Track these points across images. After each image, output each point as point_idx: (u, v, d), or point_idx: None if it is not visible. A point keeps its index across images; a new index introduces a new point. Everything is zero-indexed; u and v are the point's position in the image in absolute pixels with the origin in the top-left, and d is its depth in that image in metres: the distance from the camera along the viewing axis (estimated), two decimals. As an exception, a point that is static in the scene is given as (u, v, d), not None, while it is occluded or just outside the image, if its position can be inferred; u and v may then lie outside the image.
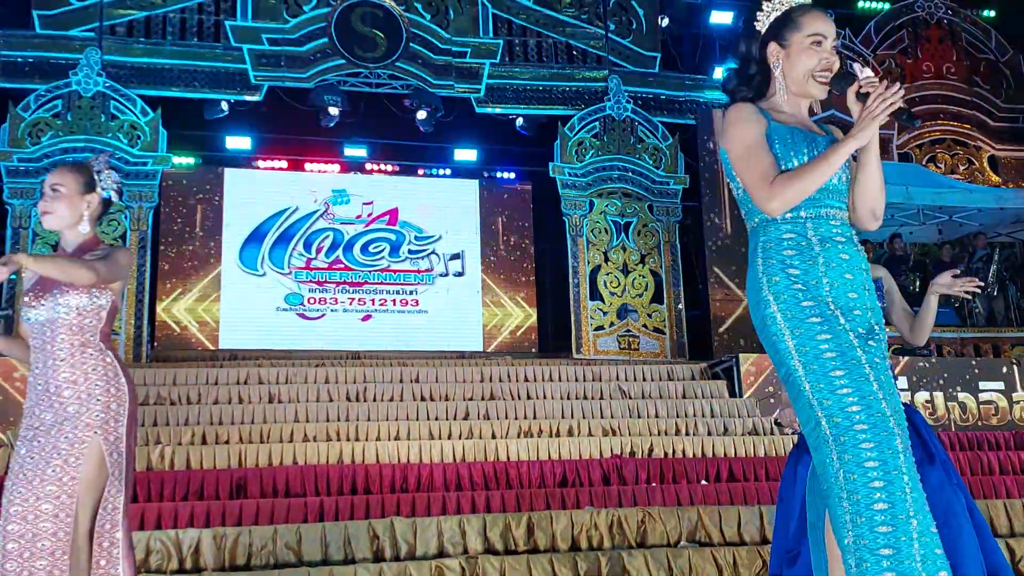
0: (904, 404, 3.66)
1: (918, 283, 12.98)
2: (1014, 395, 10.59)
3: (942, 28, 15.69)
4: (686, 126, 14.27)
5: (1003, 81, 15.74)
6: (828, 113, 11.91)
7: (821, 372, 2.54)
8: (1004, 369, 10.77)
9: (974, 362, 10.90)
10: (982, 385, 10.60)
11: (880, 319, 2.71)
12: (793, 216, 2.69)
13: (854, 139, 2.57)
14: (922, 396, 10.38)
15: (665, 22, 14.79)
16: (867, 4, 15.85)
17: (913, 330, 3.66)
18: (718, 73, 14.56)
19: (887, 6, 15.78)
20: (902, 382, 10.31)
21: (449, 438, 9.11)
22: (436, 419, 9.65)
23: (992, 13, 16.24)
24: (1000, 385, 10.64)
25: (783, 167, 2.67)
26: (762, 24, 2.86)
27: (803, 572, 3.33)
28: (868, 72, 2.65)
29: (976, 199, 13.04)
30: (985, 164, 15.42)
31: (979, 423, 10.36)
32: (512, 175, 15.35)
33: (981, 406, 10.47)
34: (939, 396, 10.42)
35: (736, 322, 13.36)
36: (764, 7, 2.85)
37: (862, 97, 2.59)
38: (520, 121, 14.02)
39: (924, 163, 14.90)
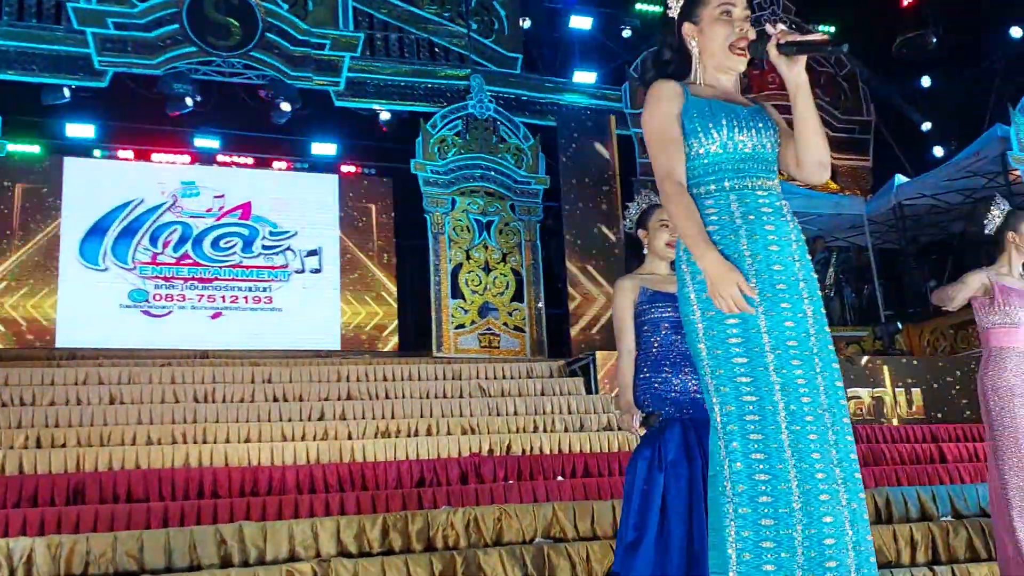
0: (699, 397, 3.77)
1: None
2: (849, 391, 11.15)
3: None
4: (547, 127, 14.44)
5: (841, 94, 16.59)
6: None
7: (724, 358, 2.54)
8: (842, 366, 11.32)
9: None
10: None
11: (814, 289, 2.68)
12: (717, 189, 2.66)
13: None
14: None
15: (527, 23, 14.93)
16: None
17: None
18: (578, 76, 14.82)
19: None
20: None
21: (303, 439, 8.91)
22: (289, 420, 9.42)
23: (833, 29, 17.07)
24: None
25: (701, 138, 2.67)
26: (674, 9, 2.83)
27: (643, 562, 3.38)
28: (781, 26, 2.67)
29: (816, 205, 13.67)
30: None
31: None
32: (372, 171, 15.16)
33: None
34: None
35: (594, 320, 13.62)
36: None
37: (781, 48, 2.60)
38: (386, 116, 13.87)
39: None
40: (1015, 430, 4.31)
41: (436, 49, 14.19)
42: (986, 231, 4.56)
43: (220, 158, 14.64)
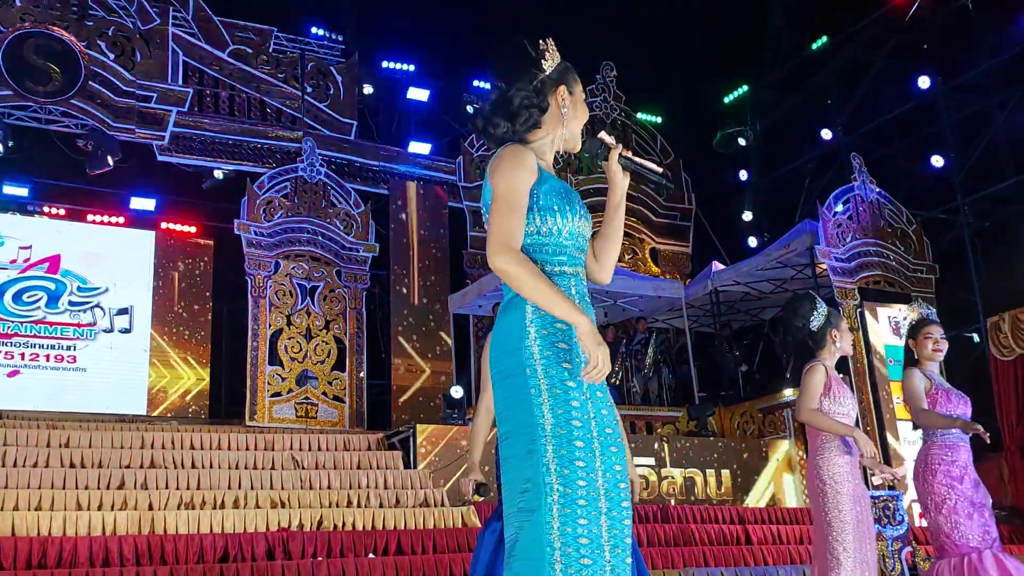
0: None
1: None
2: (663, 471, 11.41)
3: (616, 129, 17.03)
4: (379, 195, 14.38)
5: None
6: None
7: (566, 439, 2.50)
8: (655, 446, 11.60)
9: (630, 439, 11.65)
10: (636, 460, 11.32)
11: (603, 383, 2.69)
12: (560, 272, 2.67)
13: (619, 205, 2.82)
14: (584, 470, 10.89)
15: (369, 90, 14.93)
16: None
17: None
18: (413, 147, 14.86)
19: (570, 102, 16.88)
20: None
21: (99, 509, 8.37)
22: (86, 488, 8.82)
23: (659, 120, 17.90)
24: (651, 461, 11.43)
25: (557, 218, 2.67)
26: (549, 64, 2.80)
27: None
28: (612, 138, 2.86)
29: (638, 287, 14.09)
30: (647, 255, 16.79)
31: (632, 498, 11.01)
32: (193, 229, 14.59)
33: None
34: (599, 470, 10.98)
35: (417, 392, 13.47)
36: (548, 52, 2.81)
37: (622, 160, 2.78)
38: (220, 174, 13.45)
39: (596, 250, 15.94)
40: (847, 515, 4.45)
41: (268, 110, 13.96)
42: (811, 327, 4.75)
43: (29, 207, 13.77)
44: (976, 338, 13.91)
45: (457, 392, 11.72)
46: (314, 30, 14.54)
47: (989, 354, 13.08)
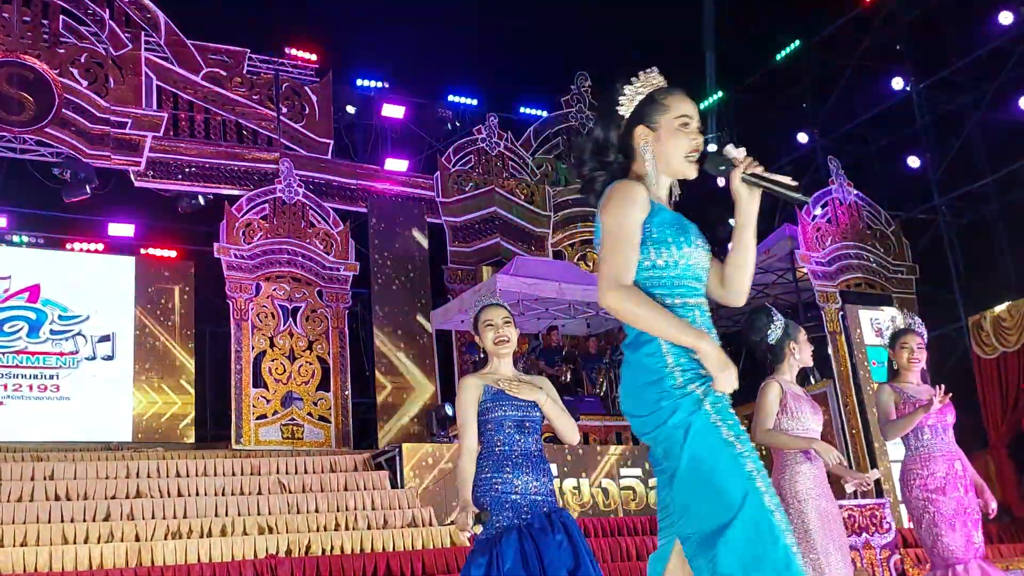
0: (559, 509, 3.77)
1: (569, 373, 13.74)
2: (651, 481, 11.39)
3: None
4: (358, 213, 14.35)
5: (645, 189, 17.35)
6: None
7: (726, 447, 2.51)
8: (645, 458, 11.58)
9: (617, 449, 11.64)
10: (623, 472, 11.32)
11: None
12: (682, 304, 2.65)
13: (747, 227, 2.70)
14: (570, 483, 10.88)
15: (351, 110, 14.92)
16: (528, 110, 16.94)
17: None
18: (390, 164, 14.86)
19: (545, 114, 16.94)
20: (553, 468, 10.76)
21: (86, 542, 8.33)
22: (72, 521, 8.77)
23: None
24: (639, 472, 11.42)
25: (672, 250, 2.65)
26: (626, 108, 2.76)
27: None
28: (742, 151, 2.69)
29: (621, 296, 14.10)
30: (630, 263, 16.78)
31: (620, 509, 11.02)
32: (173, 253, 14.55)
33: (622, 492, 11.16)
34: (585, 483, 10.98)
35: (403, 410, 13.43)
36: (625, 91, 2.77)
37: (746, 178, 2.65)
38: (201, 200, 13.40)
39: (576, 261, 15.96)
40: (808, 534, 4.43)
41: (244, 131, 13.92)
42: (768, 341, 4.73)
43: (8, 237, 13.72)
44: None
45: (446, 410, 11.70)
46: (288, 50, 14.51)
47: (972, 353, 13.14)
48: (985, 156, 14.58)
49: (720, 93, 17.89)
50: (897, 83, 15.13)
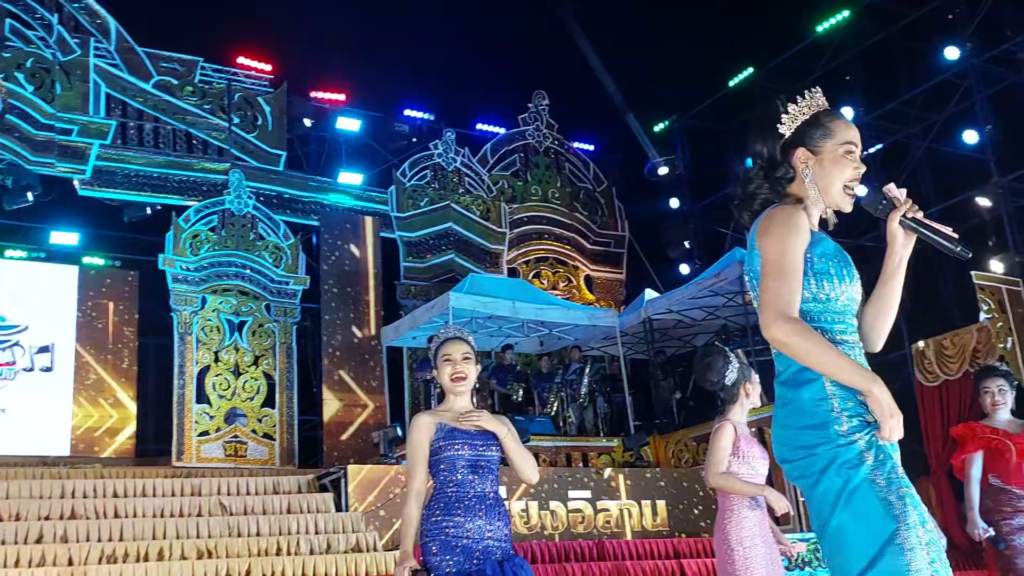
0: (514, 556, 3.65)
1: (521, 392, 13.69)
2: (599, 503, 11.37)
3: (549, 156, 17.10)
4: (309, 227, 14.19)
5: (599, 209, 17.42)
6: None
7: (891, 492, 2.40)
8: (591, 478, 11.56)
9: (565, 471, 11.60)
10: (571, 494, 11.26)
11: None
12: (843, 340, 2.51)
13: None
14: (518, 505, 10.80)
15: (308, 123, 14.77)
16: (485, 126, 16.92)
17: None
18: (344, 177, 14.72)
19: (503, 131, 16.92)
20: (502, 491, 10.67)
21: (16, 566, 8.03)
22: (2, 543, 8.46)
23: (592, 147, 18.00)
24: (587, 494, 11.37)
25: (835, 283, 2.51)
26: (788, 127, 2.62)
27: None
28: (903, 192, 2.56)
29: (573, 316, 14.10)
30: (582, 282, 16.85)
31: (568, 531, 10.97)
32: (118, 263, 14.25)
33: (570, 515, 11.10)
34: (534, 505, 10.90)
35: (350, 427, 13.27)
36: (789, 109, 2.63)
37: (905, 222, 2.52)
38: (148, 210, 13.14)
39: (530, 279, 15.96)
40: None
41: (194, 141, 13.69)
42: (725, 382, 4.71)
43: (-56, 244, 13.36)
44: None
45: (395, 430, 11.55)
46: (241, 60, 14.32)
47: (914, 379, 13.32)
48: (931, 186, 14.84)
49: (675, 116, 18.03)
50: (847, 112, 15.31)
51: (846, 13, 15.62)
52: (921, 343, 13.29)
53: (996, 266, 13.00)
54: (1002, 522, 5.17)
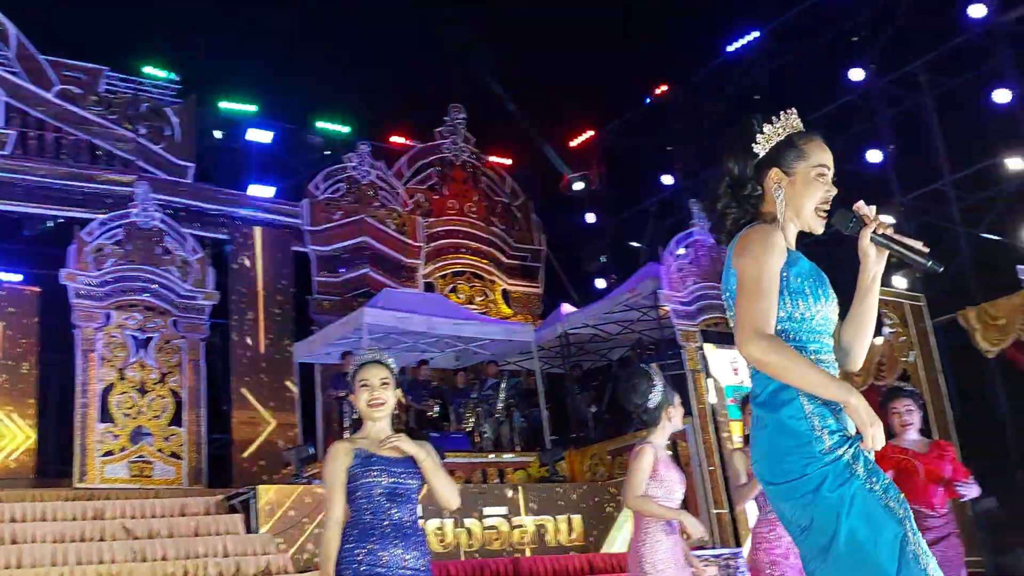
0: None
1: (437, 408, 13.57)
2: (515, 519, 11.33)
3: (466, 170, 17.07)
4: (218, 240, 13.87)
5: (515, 223, 17.44)
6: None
7: (880, 509, 2.40)
8: (508, 494, 11.52)
9: (481, 487, 11.54)
10: (487, 511, 11.20)
11: None
12: (817, 358, 2.51)
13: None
14: (433, 523, 10.68)
15: (218, 134, 14.45)
16: (401, 139, 16.81)
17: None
18: (255, 190, 14.45)
19: (419, 144, 16.84)
20: (420, 510, 10.55)
21: (-99, 599, 7.62)
22: None
23: (508, 161, 18.03)
24: (504, 510, 11.32)
25: (809, 302, 2.52)
26: (762, 147, 2.64)
27: None
28: (872, 209, 2.56)
29: (489, 330, 14.07)
30: (499, 297, 16.84)
31: (484, 548, 10.89)
32: (19, 277, 13.67)
33: (486, 531, 11.03)
34: (449, 523, 10.80)
35: (260, 447, 12.99)
36: (764, 130, 2.64)
37: (876, 239, 2.52)
38: (49, 224, 12.67)
39: (446, 293, 15.88)
40: None
41: (99, 152, 13.27)
42: (648, 405, 4.72)
43: None
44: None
45: (305, 450, 11.34)
46: (148, 69, 13.96)
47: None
48: (836, 205, 15.20)
49: (591, 132, 18.20)
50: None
51: (756, 34, 15.99)
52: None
53: (899, 282, 13.38)
54: None
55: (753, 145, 2.65)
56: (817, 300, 2.54)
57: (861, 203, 2.58)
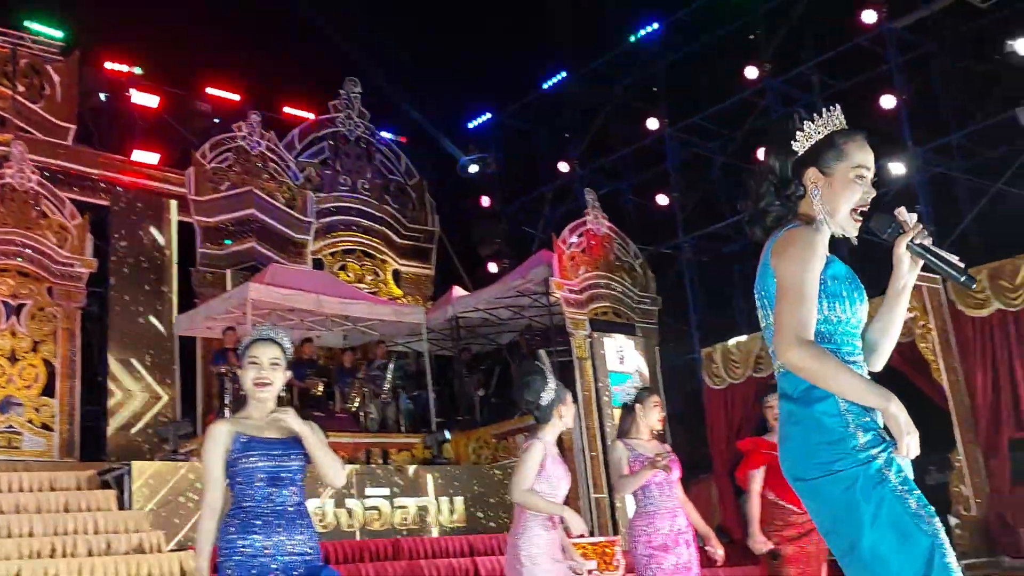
0: (320, 568, 3.48)
1: (321, 387, 13.38)
2: (396, 501, 11.28)
3: (360, 146, 16.81)
4: (99, 206, 13.32)
5: (410, 203, 17.29)
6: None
7: (907, 513, 2.40)
8: (390, 476, 11.45)
9: (363, 468, 11.43)
10: (368, 491, 11.12)
11: None
12: (852, 360, 2.53)
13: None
14: (313, 503, 10.53)
15: (103, 96, 13.84)
16: (294, 111, 16.44)
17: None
18: (138, 155, 13.96)
19: (312, 116, 16.51)
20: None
21: None
22: None
23: (404, 139, 17.87)
24: (386, 491, 11.25)
25: (846, 305, 2.53)
26: (801, 145, 2.59)
27: None
28: (913, 217, 2.52)
29: (379, 311, 13.92)
30: (389, 277, 16.69)
31: (365, 529, 10.82)
32: None
33: (367, 512, 10.96)
34: (330, 503, 10.68)
35: (135, 419, 12.60)
36: (805, 127, 2.59)
37: (913, 247, 2.50)
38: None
39: (336, 271, 15.65)
40: None
41: (-29, 109, 12.58)
42: (541, 403, 4.74)
43: None
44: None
45: (184, 426, 11.04)
46: (29, 24, 13.25)
47: (703, 383, 13.99)
48: (727, 200, 15.63)
49: (489, 115, 18.16)
50: (653, 123, 15.91)
51: (656, 26, 16.21)
52: (710, 348, 13.98)
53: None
54: (774, 534, 5.47)
55: (792, 142, 2.63)
56: (852, 303, 2.56)
57: (902, 209, 2.57)
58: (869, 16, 13.61)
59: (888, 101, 13.68)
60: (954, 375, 11.53)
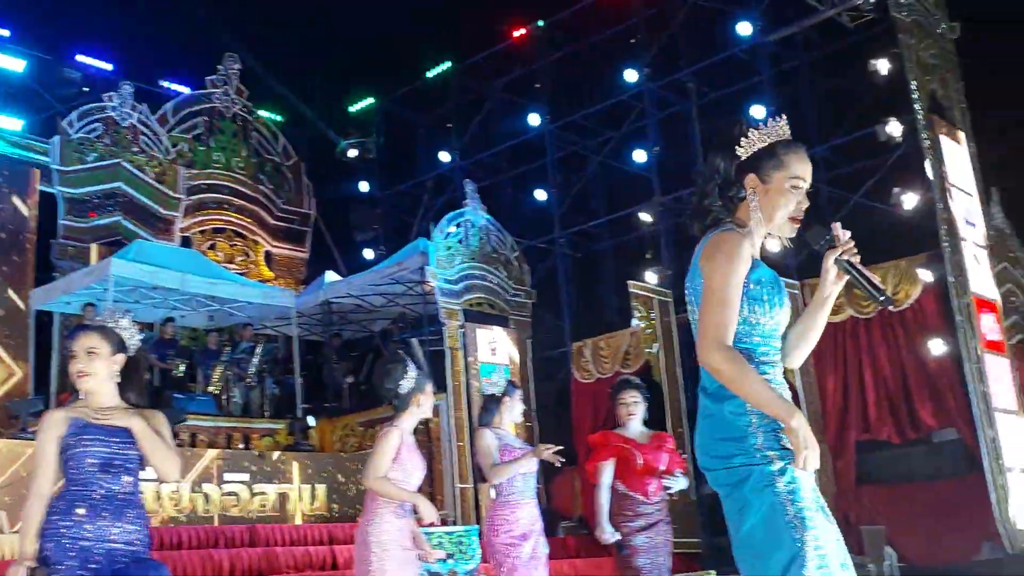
0: (144, 560, 3.39)
1: (183, 368, 13.02)
2: (255, 487, 11.07)
3: (236, 123, 16.41)
4: (-48, 171, 12.63)
5: (285, 184, 16.99)
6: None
7: (803, 516, 2.53)
8: (251, 461, 11.24)
9: (223, 452, 11.19)
10: (227, 476, 10.89)
11: None
12: (767, 360, 2.67)
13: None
14: (169, 487, 10.26)
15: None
16: (169, 84, 15.94)
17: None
18: (1, 121, 13.28)
19: (188, 91, 16.03)
20: (151, 471, 10.07)
21: None
22: None
23: (280, 118, 17.53)
24: (245, 477, 11.04)
25: (766, 308, 2.64)
26: (744, 151, 2.69)
27: None
28: (847, 234, 2.63)
29: (247, 292, 13.63)
30: (261, 258, 16.37)
31: (222, 515, 10.59)
32: None
33: (224, 498, 10.73)
34: (185, 487, 10.42)
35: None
36: (749, 134, 2.69)
37: (840, 263, 2.62)
38: None
39: (204, 250, 15.24)
40: None
41: None
42: (400, 391, 4.73)
43: None
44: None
45: (36, 404, 10.58)
46: None
47: (572, 376, 14.22)
48: (602, 198, 15.90)
49: (371, 100, 17.99)
50: (534, 119, 16.05)
51: (540, 23, 16.34)
52: (580, 343, 14.23)
53: (651, 277, 14.12)
54: (623, 524, 5.63)
55: (737, 148, 2.73)
56: (772, 307, 2.68)
57: (837, 225, 2.69)
58: (744, 28, 14.05)
59: (758, 111, 14.15)
60: (807, 378, 12.06)
